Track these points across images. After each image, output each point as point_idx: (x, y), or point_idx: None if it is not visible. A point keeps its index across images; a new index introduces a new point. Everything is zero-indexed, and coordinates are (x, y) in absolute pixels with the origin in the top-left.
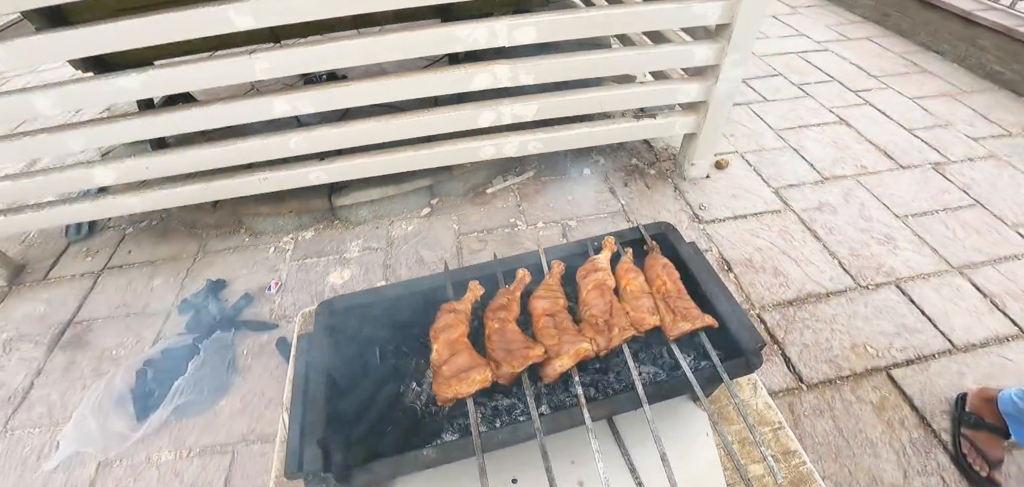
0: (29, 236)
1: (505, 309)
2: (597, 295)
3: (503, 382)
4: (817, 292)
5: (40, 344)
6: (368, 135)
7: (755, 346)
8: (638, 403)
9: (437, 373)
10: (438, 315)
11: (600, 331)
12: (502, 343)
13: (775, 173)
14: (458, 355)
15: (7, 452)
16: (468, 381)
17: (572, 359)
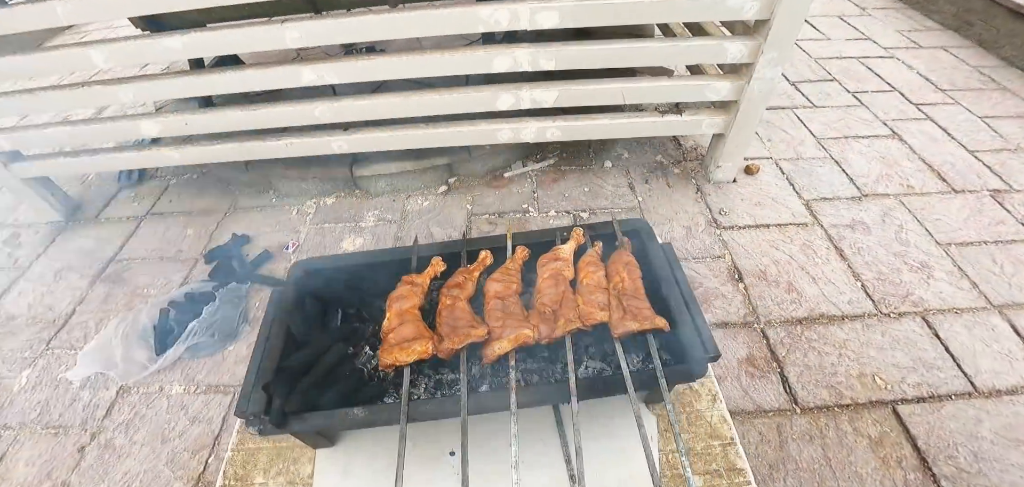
0: (88, 178)
1: (459, 287)
2: (551, 284)
3: (443, 356)
4: (831, 314)
5: (85, 276)
6: (389, 109)
7: (702, 355)
8: (567, 396)
9: (384, 339)
10: (398, 285)
11: (547, 320)
12: (450, 319)
13: (809, 184)
14: (405, 325)
15: (45, 368)
16: (408, 351)
17: (511, 343)
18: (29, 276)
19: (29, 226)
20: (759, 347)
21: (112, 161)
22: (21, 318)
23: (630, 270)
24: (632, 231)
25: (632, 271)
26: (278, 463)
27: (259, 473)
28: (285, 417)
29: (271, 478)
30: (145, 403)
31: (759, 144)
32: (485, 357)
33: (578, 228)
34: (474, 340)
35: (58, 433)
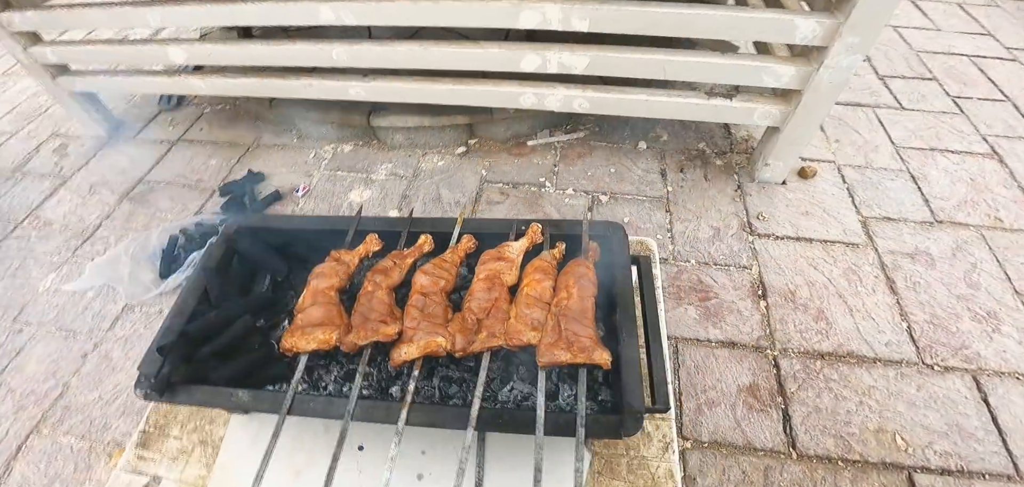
0: (134, 99)
1: (385, 273)
2: (485, 288)
3: (346, 350)
4: (861, 354)
5: (115, 192)
6: (407, 58)
7: (638, 409)
8: (463, 424)
9: (293, 320)
10: (324, 260)
11: (468, 329)
12: (365, 308)
13: (872, 199)
14: (316, 307)
15: (68, 274)
16: (308, 337)
17: (419, 351)
18: (69, 186)
19: (76, 138)
20: (766, 377)
21: (143, 84)
22: (56, 225)
23: (581, 285)
24: (602, 235)
25: (583, 287)
26: (196, 419)
27: (176, 426)
28: (170, 386)
29: (186, 433)
30: (144, 323)
31: (823, 144)
32: (392, 360)
33: (535, 224)
34: (381, 339)
35: (68, 337)
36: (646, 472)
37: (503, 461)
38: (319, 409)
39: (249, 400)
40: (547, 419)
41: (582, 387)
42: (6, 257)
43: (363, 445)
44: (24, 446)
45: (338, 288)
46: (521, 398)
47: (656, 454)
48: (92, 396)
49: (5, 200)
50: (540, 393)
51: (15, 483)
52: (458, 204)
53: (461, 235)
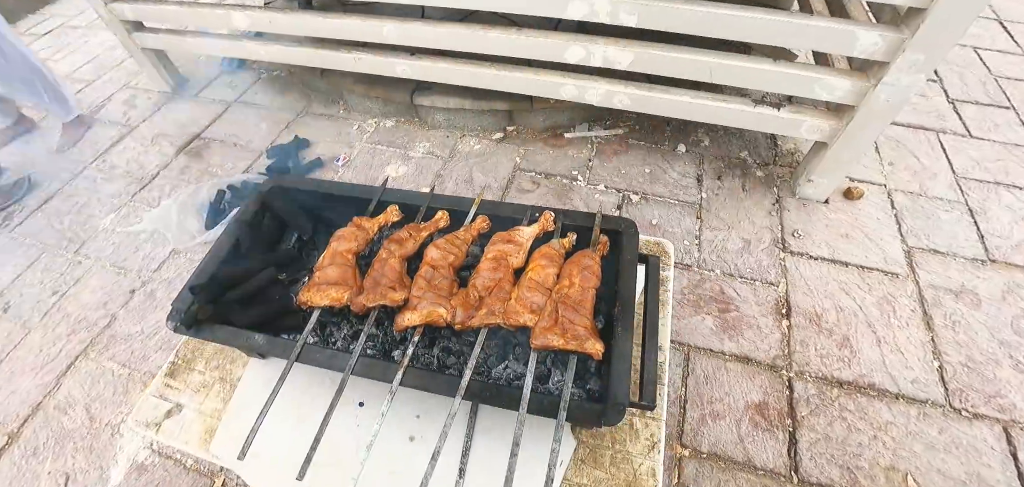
0: (199, 59)
1: (400, 243)
2: (491, 267)
3: (356, 310)
4: (884, 387)
5: (174, 145)
6: (454, 40)
7: (621, 402)
8: (452, 391)
9: (312, 276)
10: (347, 225)
11: (469, 304)
12: (378, 274)
13: (921, 229)
14: (334, 267)
15: (125, 216)
16: (322, 293)
17: (421, 318)
18: (134, 135)
19: (145, 91)
20: (777, 397)
21: (209, 45)
22: (119, 169)
23: (584, 276)
24: (614, 231)
25: (586, 277)
26: (219, 358)
27: (201, 361)
28: (197, 323)
29: (209, 369)
30: (188, 267)
31: (875, 165)
32: (395, 324)
33: (548, 211)
34: (388, 303)
35: (120, 273)
36: (629, 467)
37: (491, 434)
38: (323, 360)
39: (263, 343)
40: (532, 399)
41: (570, 373)
42: (74, 194)
43: (363, 402)
44: (73, 366)
45: (356, 252)
46: (513, 377)
47: (641, 451)
48: (135, 328)
49: (79, 142)
50: (529, 373)
51: (62, 396)
52: (490, 188)
53: (476, 215)
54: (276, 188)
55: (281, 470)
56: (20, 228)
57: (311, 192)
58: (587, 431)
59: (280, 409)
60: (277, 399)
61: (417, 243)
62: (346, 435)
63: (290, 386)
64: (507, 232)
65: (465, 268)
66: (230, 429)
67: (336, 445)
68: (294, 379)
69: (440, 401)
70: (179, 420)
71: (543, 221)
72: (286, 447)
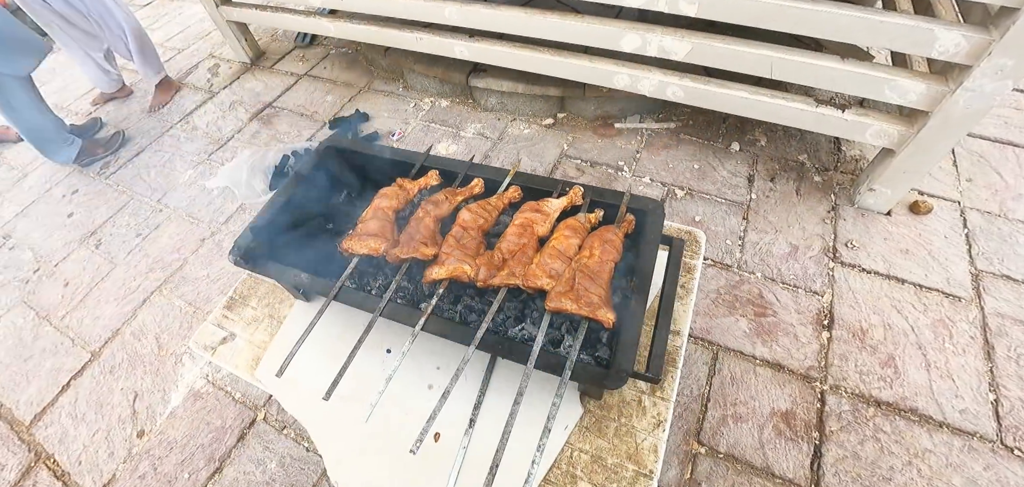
0: (276, 33)
1: (436, 204)
2: (517, 233)
3: (390, 261)
4: (928, 413)
5: (248, 111)
6: (513, 24)
7: (625, 371)
8: (468, 341)
9: (355, 227)
10: (390, 185)
11: (492, 265)
12: (413, 230)
13: (994, 251)
14: (374, 221)
15: (202, 173)
16: (362, 243)
17: (447, 273)
18: (215, 101)
19: (227, 61)
20: (806, 408)
21: (286, 21)
22: (200, 130)
23: (605, 248)
24: (641, 210)
25: (606, 250)
26: (270, 298)
27: (255, 299)
28: (251, 257)
29: (261, 306)
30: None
31: (950, 179)
32: (424, 277)
33: (578, 186)
34: (419, 257)
35: (194, 223)
36: (631, 441)
37: (503, 393)
38: (357, 301)
39: (306, 281)
40: (541, 356)
41: (579, 336)
42: (161, 149)
43: (390, 350)
44: (148, 300)
45: (396, 209)
46: (528, 338)
47: (646, 428)
48: (202, 272)
49: (168, 104)
50: (541, 333)
51: (137, 325)
52: (534, 172)
53: (510, 185)
54: (331, 149)
55: (312, 397)
56: (114, 176)
57: (361, 154)
58: (595, 402)
59: (317, 345)
60: (315, 337)
61: (452, 206)
62: (372, 375)
63: (328, 327)
64: (536, 202)
65: (494, 234)
66: (273, 359)
67: (362, 383)
68: (332, 322)
69: (460, 355)
70: (232, 347)
71: (572, 195)
72: (319, 379)
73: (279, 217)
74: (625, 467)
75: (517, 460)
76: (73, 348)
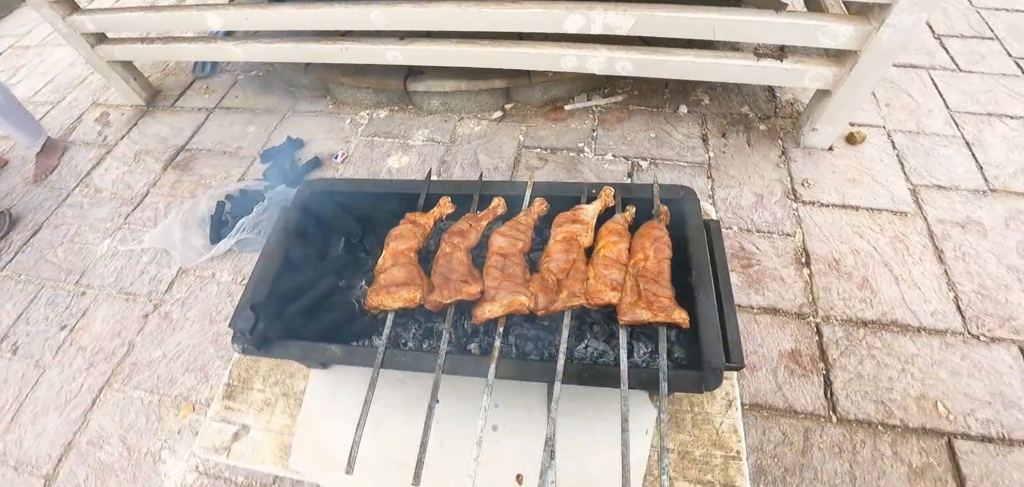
0: (168, 66)
1: (462, 235)
2: (562, 249)
3: (431, 308)
4: (906, 322)
5: (159, 160)
6: (446, 19)
7: (717, 365)
8: (552, 377)
9: (376, 279)
10: (400, 222)
11: (548, 289)
12: (445, 269)
13: (922, 166)
14: (398, 268)
15: (122, 240)
16: (394, 296)
17: (503, 309)
18: (115, 155)
19: (116, 107)
20: (808, 343)
21: (180, 51)
22: (106, 191)
23: (657, 247)
24: (674, 199)
25: (659, 249)
26: (276, 374)
27: (259, 380)
28: (266, 341)
29: (268, 386)
30: (199, 285)
31: (873, 108)
32: (474, 317)
33: (608, 187)
34: (464, 298)
35: (129, 299)
36: (710, 427)
37: (573, 415)
38: (409, 363)
39: (341, 354)
40: (632, 373)
41: (663, 345)
42: (63, 223)
43: (438, 399)
44: (99, 399)
45: (416, 249)
46: (597, 355)
47: (719, 411)
48: (156, 354)
49: (56, 169)
50: (622, 349)
51: (93, 431)
52: (497, 169)
53: (532, 198)
54: (315, 192)
55: (374, 477)
56: (12, 265)
57: (352, 193)
58: (665, 398)
59: (347, 414)
60: (342, 405)
61: (479, 233)
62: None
63: (353, 391)
64: (570, 211)
65: (529, 252)
66: (307, 443)
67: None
68: (357, 383)
69: (515, 389)
70: (248, 442)
71: (604, 197)
72: (366, 452)
73: (276, 284)
74: (712, 455)
75: (607, 480)
76: (19, 477)
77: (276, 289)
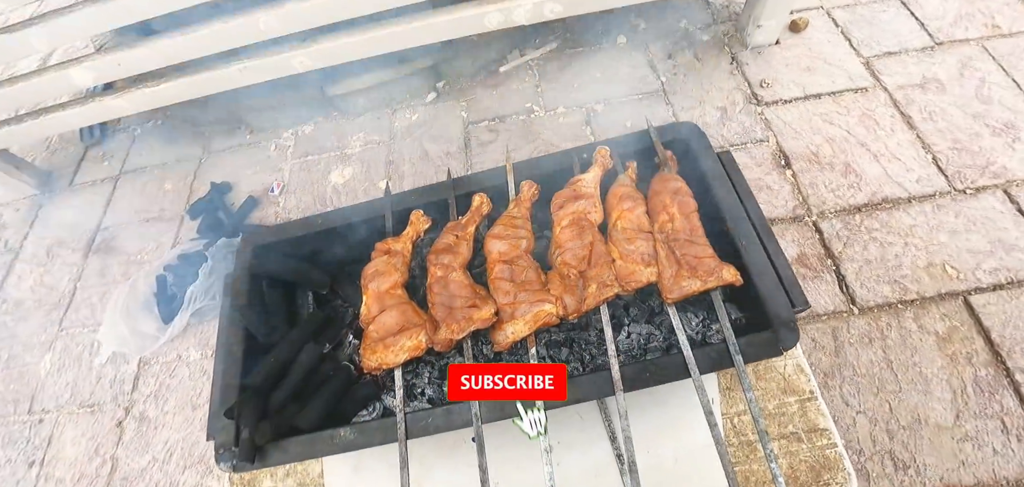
0: (51, 142)
1: (451, 251)
2: (574, 234)
3: (441, 349)
4: (896, 196)
5: (76, 250)
6: (348, 7)
7: (788, 318)
8: (609, 390)
9: (364, 333)
10: (372, 256)
11: (572, 286)
12: (444, 297)
13: (869, 37)
14: (388, 312)
15: (65, 349)
16: (395, 349)
17: (529, 326)
18: (23, 257)
19: (8, 205)
20: (811, 243)
21: (63, 120)
22: (28, 302)
23: (681, 203)
24: (677, 140)
25: (684, 204)
26: (288, 465)
27: (267, 478)
28: (258, 450)
29: (279, 482)
30: (168, 373)
31: None
32: (496, 344)
33: (602, 147)
34: (478, 326)
35: (94, 411)
36: (775, 375)
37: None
38: (440, 424)
39: (357, 438)
40: (700, 358)
41: (723, 314)
42: None
43: (474, 437)
44: None
45: (402, 283)
46: (643, 341)
47: (780, 356)
48: (144, 461)
49: None
50: (680, 332)
51: None
52: (449, 154)
53: (518, 184)
54: (259, 248)
55: None
56: None
57: (304, 236)
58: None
59: (383, 481)
60: (370, 478)
61: (469, 243)
62: (473, 480)
63: (379, 456)
64: (568, 187)
65: None
66: None
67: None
68: (381, 448)
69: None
70: None
71: (601, 160)
72: None
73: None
74: (787, 403)
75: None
76: None
77: (251, 382)
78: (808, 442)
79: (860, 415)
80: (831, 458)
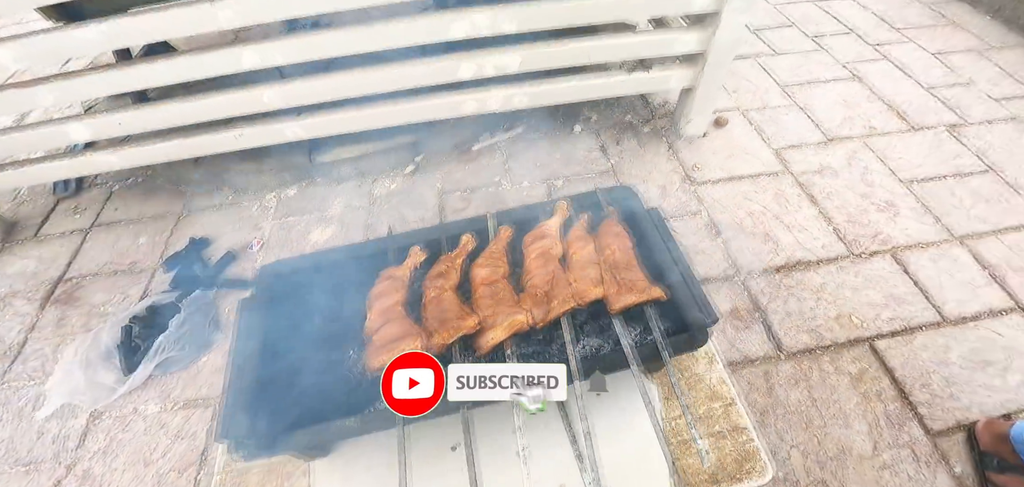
0: (20, 193)
1: (444, 276)
2: (540, 264)
3: (434, 352)
4: (807, 259)
5: (32, 300)
6: (343, 89)
7: (702, 322)
8: (571, 379)
9: (370, 341)
10: (377, 281)
11: (540, 302)
12: (437, 312)
13: (777, 132)
14: (391, 324)
15: (4, 402)
16: (395, 352)
17: (505, 331)
18: None
19: None
20: (742, 299)
21: (42, 173)
22: None
23: (620, 240)
24: (617, 199)
25: (622, 241)
26: (272, 480)
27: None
28: (273, 437)
29: None
30: (120, 427)
31: (726, 96)
32: (479, 348)
33: (562, 201)
34: (465, 332)
35: (29, 470)
36: (703, 385)
37: (573, 410)
38: (434, 411)
39: (361, 424)
40: (633, 352)
41: (655, 320)
42: None
43: (455, 445)
44: None
45: (403, 302)
46: (595, 350)
47: (705, 368)
48: None
49: None
50: (623, 335)
51: None
52: (424, 220)
53: (497, 227)
54: (273, 275)
55: None
56: None
57: (311, 266)
58: (658, 374)
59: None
60: (364, 476)
61: (458, 271)
62: (459, 483)
63: (366, 466)
64: (536, 230)
65: None
66: None
67: None
68: (367, 459)
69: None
70: None
71: (561, 210)
72: None
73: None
74: (713, 408)
75: (634, 466)
76: None
77: (262, 383)
78: (731, 439)
79: (793, 449)
80: (750, 450)
